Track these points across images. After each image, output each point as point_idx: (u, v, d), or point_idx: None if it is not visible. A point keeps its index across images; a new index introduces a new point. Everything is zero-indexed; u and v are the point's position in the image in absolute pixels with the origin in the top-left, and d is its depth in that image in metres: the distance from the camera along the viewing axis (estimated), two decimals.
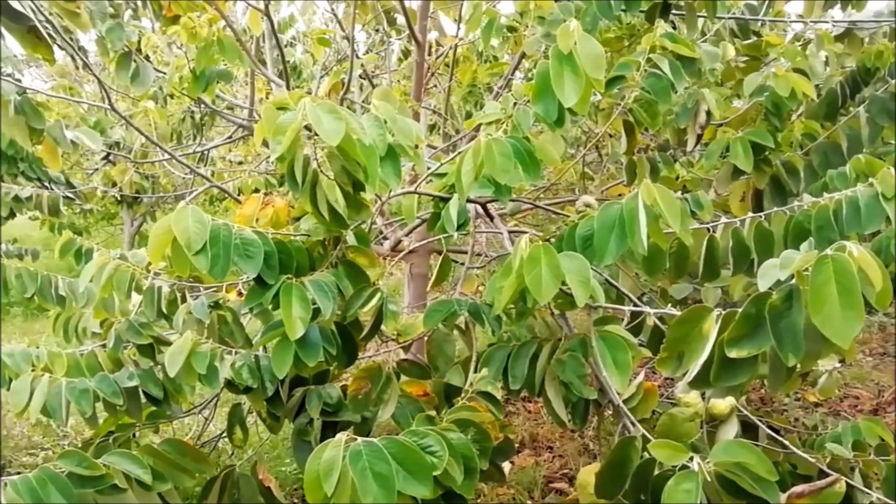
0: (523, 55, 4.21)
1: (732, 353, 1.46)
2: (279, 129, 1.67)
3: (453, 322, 2.34)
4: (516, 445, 4.63)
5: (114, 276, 2.52)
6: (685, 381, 1.60)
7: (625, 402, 2.05)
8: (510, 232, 2.55)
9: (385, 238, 3.16)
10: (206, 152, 5.19)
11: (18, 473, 3.74)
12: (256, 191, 4.60)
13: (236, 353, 2.20)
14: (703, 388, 1.76)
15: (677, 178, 3.49)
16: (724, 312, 1.54)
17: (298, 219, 2.59)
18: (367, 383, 2.07)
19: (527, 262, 1.76)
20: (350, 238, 2.08)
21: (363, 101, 4.48)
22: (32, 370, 2.42)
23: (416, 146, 2.03)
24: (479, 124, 2.24)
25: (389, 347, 2.50)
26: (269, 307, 1.89)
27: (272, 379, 2.16)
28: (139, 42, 3.67)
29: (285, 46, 5.25)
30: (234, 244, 1.77)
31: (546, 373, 2.07)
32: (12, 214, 5.07)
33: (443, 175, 2.48)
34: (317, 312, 1.88)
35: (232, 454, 3.35)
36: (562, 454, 4.56)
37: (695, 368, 1.55)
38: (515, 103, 2.13)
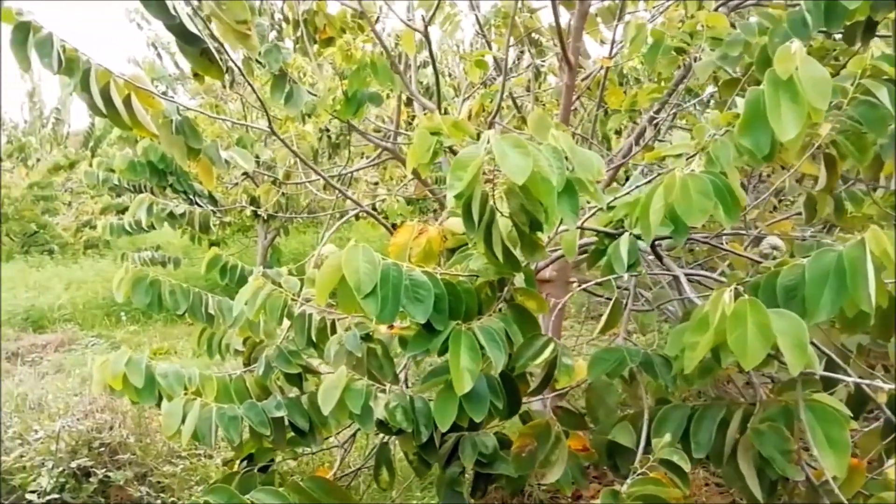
0: (682, 79, 3.96)
1: None
2: (460, 165, 1.54)
3: (620, 372, 2.14)
4: None
5: (267, 301, 2.48)
6: None
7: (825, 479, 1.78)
8: (688, 275, 2.31)
9: None
10: (346, 173, 5.22)
11: (159, 482, 3.84)
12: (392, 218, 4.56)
13: (390, 391, 2.08)
14: None
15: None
16: None
17: (452, 250, 2.47)
18: (532, 441, 1.90)
19: (731, 320, 1.54)
20: (517, 279, 1.92)
21: (508, 127, 4.35)
22: (185, 392, 2.42)
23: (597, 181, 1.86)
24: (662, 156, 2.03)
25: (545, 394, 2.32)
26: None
27: (427, 423, 2.03)
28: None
29: (419, 68, 5.22)
30: (404, 286, 1.64)
31: (739, 443, 1.83)
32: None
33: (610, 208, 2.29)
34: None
35: (369, 487, 3.27)
36: None
37: None
38: (713, 134, 1.91)
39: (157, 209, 4.36)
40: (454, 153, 3.39)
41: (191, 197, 7.29)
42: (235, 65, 2.65)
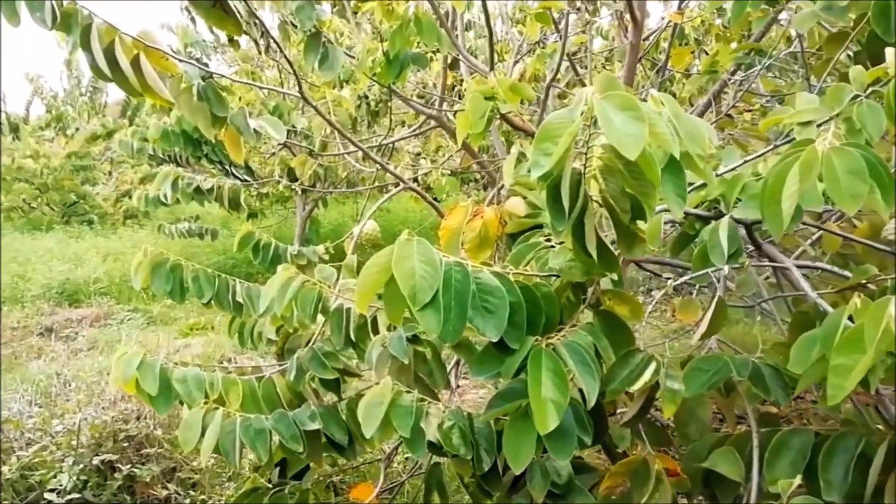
0: (762, 35, 3.48)
1: None
2: (547, 134, 1.16)
3: (719, 384, 1.76)
4: None
5: (299, 294, 2.14)
6: None
7: None
8: (799, 267, 1.90)
9: None
10: (386, 143, 4.84)
11: (189, 479, 3.58)
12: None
13: (445, 409, 1.73)
14: None
15: None
16: None
17: (512, 236, 2.10)
18: (625, 481, 1.53)
19: None
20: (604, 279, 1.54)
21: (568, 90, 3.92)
22: (205, 400, 2.10)
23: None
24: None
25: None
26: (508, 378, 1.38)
27: (490, 449, 1.68)
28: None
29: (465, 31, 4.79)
30: (471, 292, 1.27)
31: (886, 486, 1.44)
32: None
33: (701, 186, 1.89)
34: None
35: (413, 500, 2.95)
36: None
37: None
38: (857, 96, 1.49)
39: (183, 184, 4.05)
40: (508, 122, 3.01)
41: (226, 168, 7.02)
42: (255, 16, 2.27)
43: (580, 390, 1.41)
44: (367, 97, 5.69)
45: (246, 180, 6.71)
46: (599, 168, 1.27)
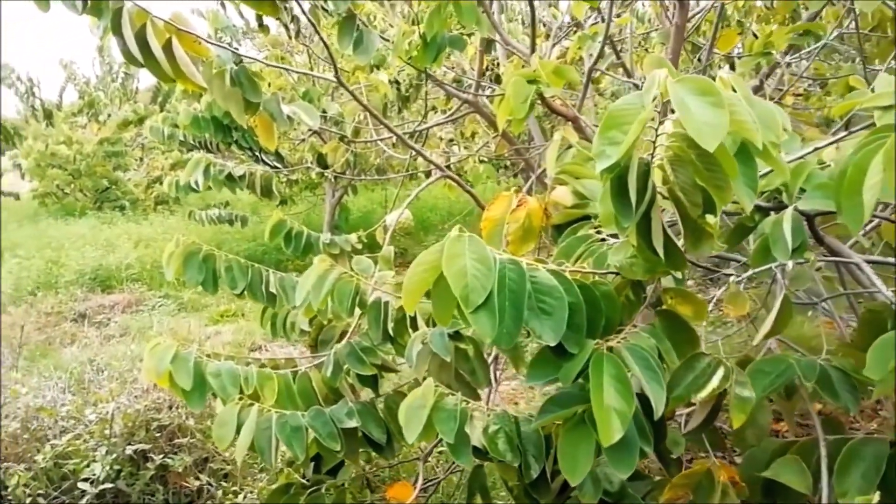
0: (815, 16, 3.33)
1: None
2: (615, 121, 1.06)
3: (781, 388, 1.65)
4: None
5: (335, 287, 2.07)
6: None
7: None
8: (869, 262, 1.78)
9: None
10: (421, 130, 4.74)
11: (221, 470, 3.54)
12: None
13: (489, 412, 1.65)
14: None
15: None
16: None
17: (559, 227, 2.01)
18: (687, 493, 1.43)
19: None
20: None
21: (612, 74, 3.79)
22: (240, 395, 2.04)
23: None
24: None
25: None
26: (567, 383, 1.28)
27: (538, 455, 1.59)
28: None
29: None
30: (527, 293, 1.18)
31: None
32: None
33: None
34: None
35: (451, 497, 2.88)
36: None
37: None
38: None
39: (215, 171, 3.99)
40: (549, 106, 2.90)
41: (256, 154, 6.97)
42: (303, 11, 2.19)
43: (638, 395, 1.32)
44: (397, 82, 5.60)
45: (276, 167, 6.65)
46: (668, 158, 1.17)
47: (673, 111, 1.19)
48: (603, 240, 1.69)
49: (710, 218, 1.28)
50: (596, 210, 1.87)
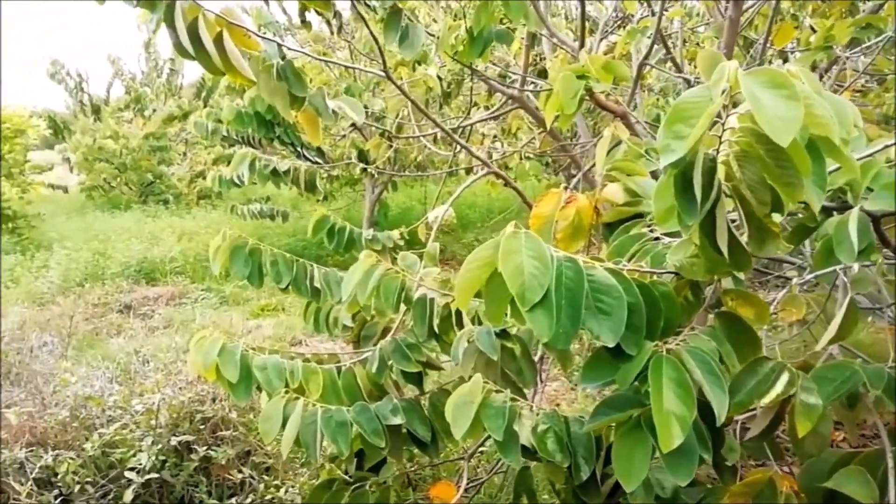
0: (880, 6, 3.22)
1: None
2: (681, 115, 1.02)
3: (845, 395, 1.59)
4: None
5: (381, 283, 2.05)
6: None
7: None
8: None
9: None
10: (466, 125, 4.71)
11: (263, 463, 3.56)
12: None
13: (538, 411, 1.61)
14: None
15: None
16: None
17: (611, 226, 1.96)
18: (747, 502, 1.38)
19: None
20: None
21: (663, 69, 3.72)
22: (286, 389, 2.04)
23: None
24: None
25: None
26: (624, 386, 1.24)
27: (588, 457, 1.55)
28: None
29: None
30: (585, 291, 1.14)
31: None
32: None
33: None
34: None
35: (493, 498, 2.85)
36: None
37: None
38: None
39: (260, 165, 4.02)
40: (598, 102, 2.85)
41: (298, 149, 7.02)
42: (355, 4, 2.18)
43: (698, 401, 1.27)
44: (439, 78, 5.57)
45: (317, 162, 6.69)
46: (734, 154, 1.12)
47: (736, 106, 1.15)
48: (657, 238, 1.65)
49: (775, 217, 1.23)
50: (649, 208, 1.82)
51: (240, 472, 3.33)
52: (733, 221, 1.31)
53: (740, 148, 1.11)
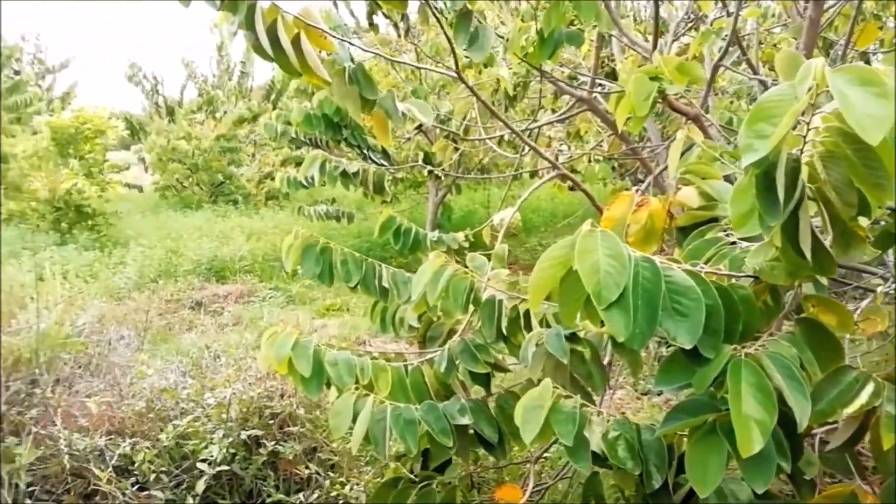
0: None
1: None
2: (764, 113, 1.00)
3: None
4: None
5: (451, 283, 2.07)
6: None
7: None
8: None
9: None
10: (534, 128, 4.70)
11: (328, 460, 3.62)
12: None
13: (608, 417, 1.60)
14: None
15: None
16: None
17: (684, 230, 1.93)
18: None
19: None
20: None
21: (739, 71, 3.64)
22: (356, 385, 2.07)
23: None
24: None
25: None
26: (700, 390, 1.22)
27: (660, 465, 1.53)
28: None
29: None
30: (662, 292, 1.13)
31: None
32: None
33: None
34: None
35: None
36: None
37: None
38: None
39: (330, 167, 4.09)
40: (670, 104, 2.80)
41: (364, 151, 7.12)
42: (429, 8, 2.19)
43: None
44: (498, 80, 5.57)
45: (382, 164, 6.77)
46: (819, 154, 1.09)
47: (818, 107, 1.12)
48: (733, 243, 1.61)
49: (861, 220, 1.19)
50: (724, 212, 1.79)
51: (306, 467, 3.39)
52: (816, 225, 1.28)
53: (825, 148, 1.09)
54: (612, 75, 4.99)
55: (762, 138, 1.00)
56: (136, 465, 3.21)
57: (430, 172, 6.58)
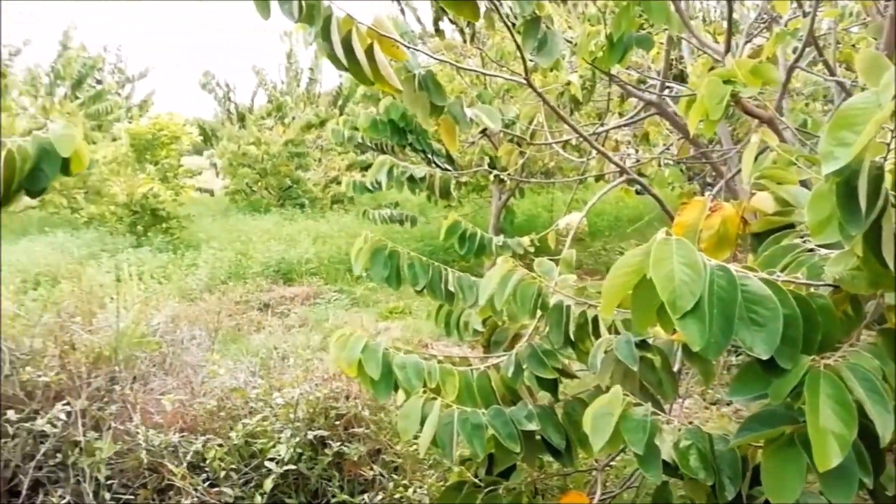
0: None
1: None
2: (846, 121, 0.98)
3: None
4: None
5: (518, 288, 2.08)
6: None
7: None
8: None
9: None
10: (601, 132, 4.66)
11: (392, 462, 3.67)
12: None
13: (679, 426, 1.58)
14: None
15: None
16: None
17: (759, 236, 1.89)
18: None
19: None
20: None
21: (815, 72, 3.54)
22: (423, 388, 2.10)
23: None
24: None
25: None
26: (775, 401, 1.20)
27: (734, 476, 1.50)
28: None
29: None
30: (738, 301, 1.12)
31: None
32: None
33: None
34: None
35: None
36: None
37: None
38: None
39: (398, 172, 4.14)
40: (743, 108, 2.74)
41: (429, 156, 7.18)
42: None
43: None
44: (569, 83, 5.54)
45: (447, 169, 6.82)
46: None
47: None
48: (810, 250, 1.58)
49: None
50: (801, 218, 1.75)
51: (371, 469, 3.44)
52: None
53: None
54: (681, 77, 4.91)
55: (844, 146, 0.98)
56: (207, 461, 3.31)
57: (495, 176, 6.61)
